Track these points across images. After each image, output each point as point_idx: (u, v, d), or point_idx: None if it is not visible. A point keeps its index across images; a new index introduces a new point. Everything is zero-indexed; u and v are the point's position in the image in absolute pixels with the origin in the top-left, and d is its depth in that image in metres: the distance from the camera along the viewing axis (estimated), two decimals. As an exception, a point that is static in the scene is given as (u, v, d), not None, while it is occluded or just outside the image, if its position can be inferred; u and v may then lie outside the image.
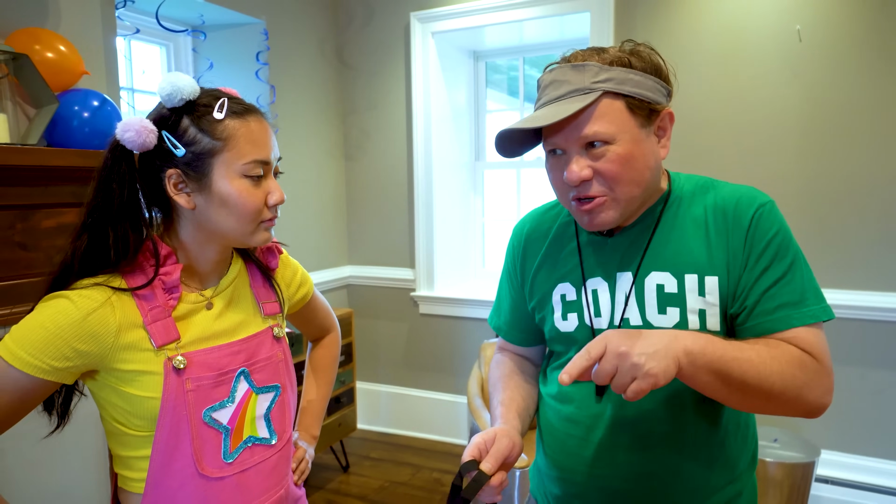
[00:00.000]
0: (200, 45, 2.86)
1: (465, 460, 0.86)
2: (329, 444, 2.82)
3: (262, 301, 1.02)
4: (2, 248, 1.55)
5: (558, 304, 1.01)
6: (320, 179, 3.24)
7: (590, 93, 0.86)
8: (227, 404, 0.92)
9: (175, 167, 0.87)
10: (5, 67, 1.62)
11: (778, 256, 0.88)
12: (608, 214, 0.90)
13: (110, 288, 0.85)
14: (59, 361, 0.82)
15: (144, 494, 0.89)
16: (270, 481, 0.98)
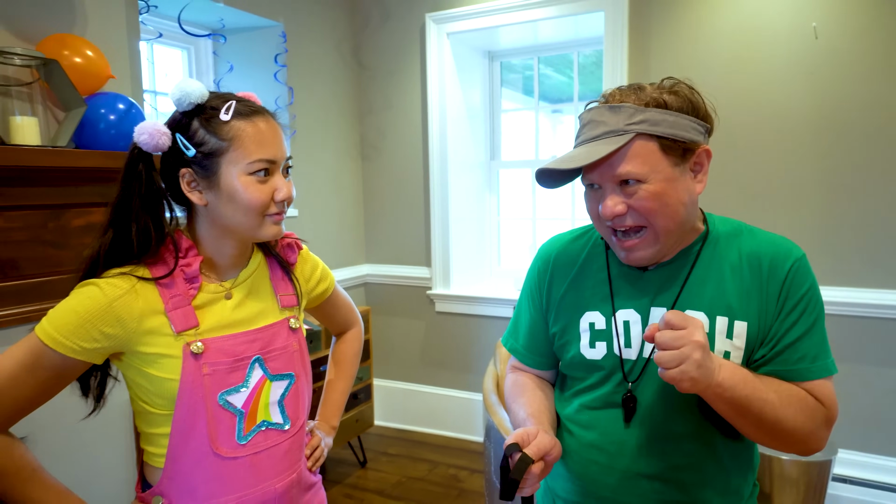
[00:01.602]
0: (220, 49, 2.92)
1: (509, 444, 0.88)
2: (347, 439, 2.87)
3: (280, 294, 1.06)
4: (34, 247, 1.62)
5: (586, 332, 1.02)
6: (338, 179, 3.29)
7: (623, 134, 0.89)
8: (242, 389, 0.96)
9: (187, 166, 0.93)
10: (36, 73, 1.68)
11: (807, 311, 0.93)
12: (647, 251, 0.93)
13: (135, 277, 0.91)
14: (89, 343, 0.88)
15: (164, 468, 0.95)
16: (283, 464, 1.02)
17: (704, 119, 0.95)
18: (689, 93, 0.94)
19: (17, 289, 1.58)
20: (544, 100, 3.37)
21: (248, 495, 0.97)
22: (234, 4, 2.62)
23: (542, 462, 0.89)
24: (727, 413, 0.88)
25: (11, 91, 1.66)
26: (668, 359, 0.80)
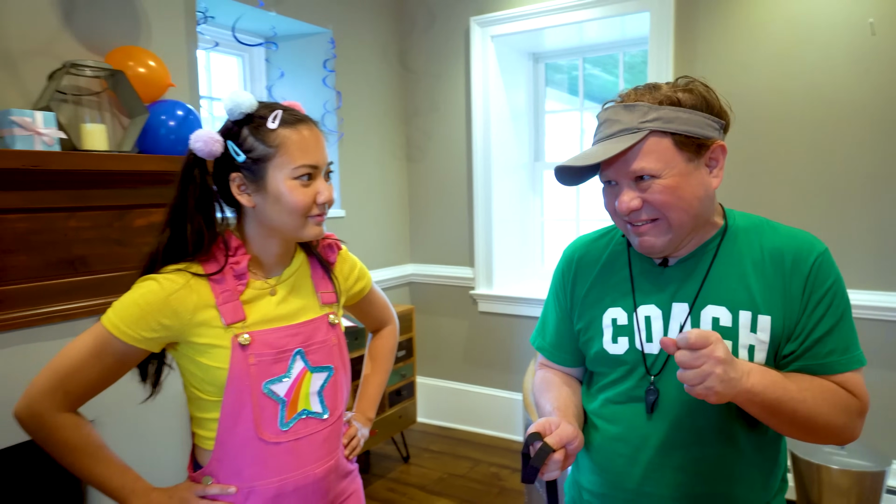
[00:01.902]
0: (273, 56, 3.04)
1: (531, 432, 0.92)
2: (390, 434, 2.93)
3: (321, 291, 1.12)
4: (101, 245, 1.74)
5: (608, 328, 1.05)
6: (384, 180, 3.37)
7: (637, 132, 0.91)
8: (284, 379, 1.03)
9: (238, 171, 1.00)
10: (105, 83, 1.81)
11: (833, 304, 0.94)
12: (659, 239, 0.95)
13: (189, 273, 0.98)
14: (148, 332, 0.96)
15: (213, 451, 1.02)
16: (322, 451, 1.08)
17: (719, 116, 0.96)
18: (704, 90, 0.95)
19: (85, 284, 1.71)
20: (591, 99, 3.35)
21: (289, 478, 1.04)
22: (286, 13, 2.73)
23: (564, 450, 0.91)
24: (759, 415, 0.89)
25: (83, 100, 1.79)
26: (691, 377, 0.82)
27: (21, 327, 1.57)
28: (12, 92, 1.62)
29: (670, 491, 0.99)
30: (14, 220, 1.55)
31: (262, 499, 1.03)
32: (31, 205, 1.58)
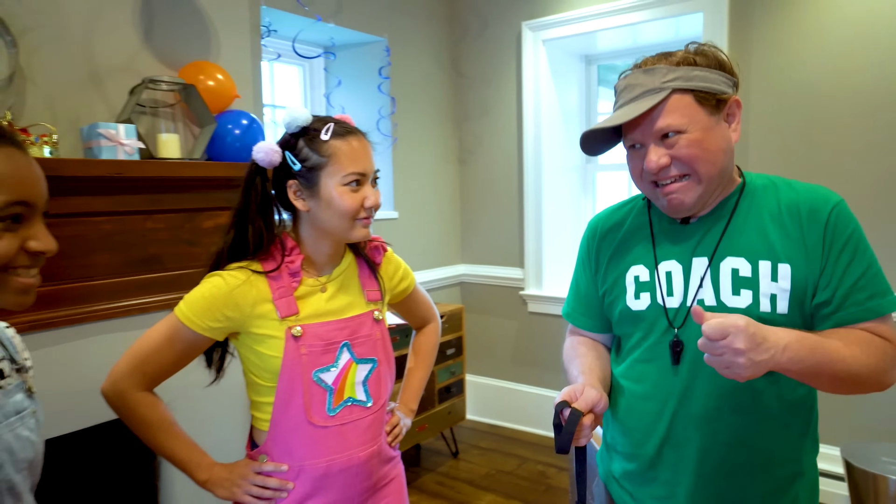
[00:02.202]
0: (331, 65, 3.18)
1: (558, 402, 0.97)
2: (439, 430, 3.02)
3: (367, 289, 1.21)
4: (173, 245, 1.90)
5: (631, 285, 1.09)
6: (436, 183, 3.46)
7: (660, 91, 0.96)
8: (332, 368, 1.12)
9: (294, 178, 1.10)
10: (178, 95, 1.97)
11: (859, 251, 0.97)
12: (688, 195, 0.99)
13: (250, 270, 1.09)
14: (214, 323, 1.08)
15: (269, 432, 1.13)
16: (366, 437, 1.17)
17: (731, 73, 1.00)
18: (715, 52, 1.00)
19: (159, 280, 1.87)
20: None
21: (335, 460, 1.13)
22: (344, 24, 2.86)
23: (592, 414, 0.96)
24: (799, 378, 0.92)
25: (159, 112, 1.95)
26: (716, 364, 0.85)
27: (104, 318, 1.74)
28: (99, 106, 1.80)
29: (696, 442, 1.02)
30: (99, 222, 1.72)
31: (311, 477, 1.13)
32: (113, 208, 1.74)
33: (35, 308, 1.54)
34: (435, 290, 3.44)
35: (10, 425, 0.74)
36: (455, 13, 3.47)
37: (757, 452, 1.02)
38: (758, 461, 1.02)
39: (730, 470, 1.02)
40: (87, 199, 1.67)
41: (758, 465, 1.03)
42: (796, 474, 1.05)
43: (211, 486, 1.13)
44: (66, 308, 1.64)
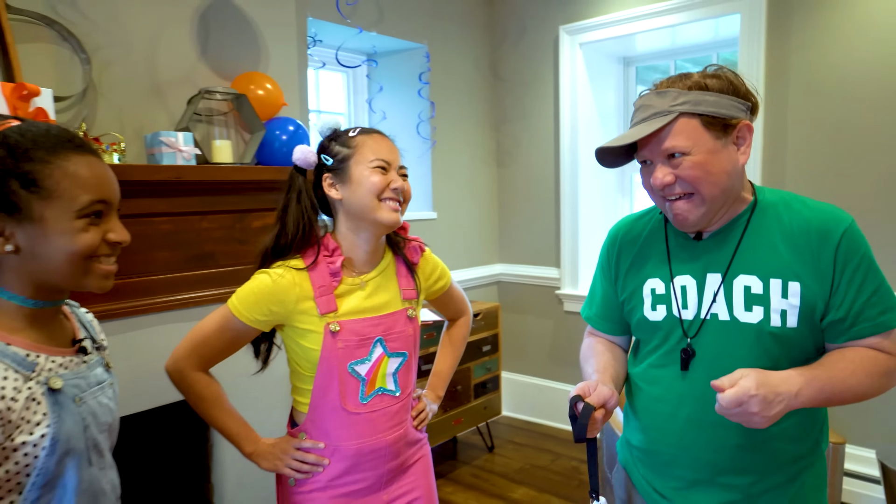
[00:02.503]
0: (373, 72, 3.31)
1: (573, 395, 1.05)
2: (475, 423, 3.11)
3: (403, 288, 1.31)
4: (226, 243, 2.05)
5: (648, 297, 1.16)
6: (474, 185, 3.55)
7: (668, 114, 1.03)
8: (365, 361, 1.23)
9: (329, 172, 1.22)
10: (231, 104, 2.12)
11: (871, 270, 1.03)
12: (693, 213, 1.05)
13: (294, 269, 1.20)
14: (260, 316, 1.20)
15: (308, 414, 1.25)
16: (393, 422, 1.28)
17: (745, 98, 1.04)
18: (732, 76, 1.04)
19: (213, 276, 2.02)
20: None
21: (365, 442, 1.24)
22: (385, 32, 2.98)
23: (603, 409, 1.04)
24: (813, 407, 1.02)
25: (213, 120, 2.11)
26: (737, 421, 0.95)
27: (163, 310, 1.90)
28: (161, 116, 1.96)
29: (708, 444, 1.08)
30: (160, 222, 1.88)
31: (345, 456, 1.24)
32: (172, 210, 1.90)
33: (104, 299, 1.70)
34: (472, 288, 3.54)
35: (93, 393, 0.87)
36: (494, 19, 3.55)
37: (769, 454, 1.07)
38: (770, 461, 1.08)
39: (743, 468, 1.08)
40: (150, 202, 1.83)
41: (770, 465, 1.08)
42: (806, 466, 1.11)
43: (256, 457, 1.26)
44: (130, 300, 1.80)
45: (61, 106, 1.70)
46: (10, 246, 0.78)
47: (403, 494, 1.33)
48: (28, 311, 0.83)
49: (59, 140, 0.81)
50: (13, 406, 0.76)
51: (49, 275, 0.81)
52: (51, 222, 0.79)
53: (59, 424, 0.80)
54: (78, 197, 0.80)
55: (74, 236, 0.80)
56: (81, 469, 0.83)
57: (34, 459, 0.78)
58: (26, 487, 0.78)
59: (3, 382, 0.75)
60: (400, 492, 1.32)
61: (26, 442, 0.77)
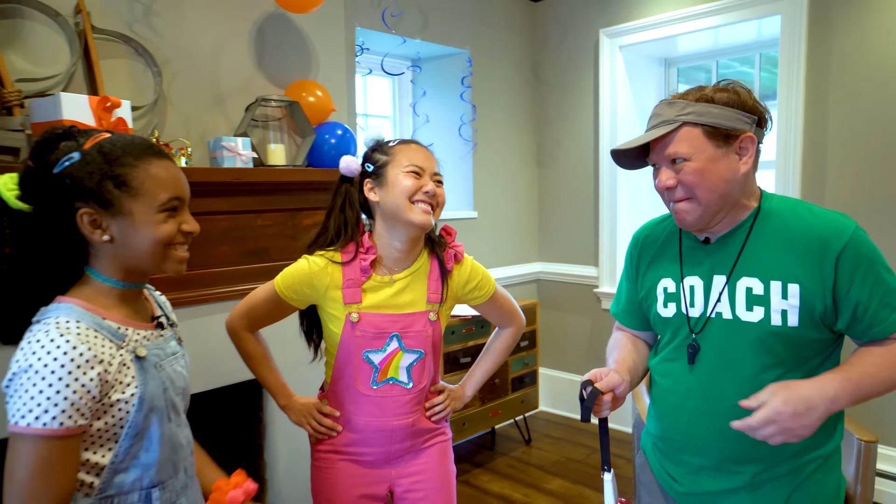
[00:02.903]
0: (417, 77, 3.45)
1: (584, 380, 1.16)
2: (512, 416, 3.21)
3: (430, 291, 1.40)
4: (279, 239, 2.22)
5: (661, 295, 1.25)
6: (515, 185, 3.65)
7: (673, 123, 1.12)
8: (380, 352, 1.35)
9: (369, 178, 1.36)
10: (284, 111, 2.29)
11: (880, 274, 1.08)
12: (691, 215, 1.14)
13: (331, 260, 1.35)
14: (294, 294, 1.37)
15: (329, 385, 1.42)
16: (403, 410, 1.39)
17: (752, 111, 1.11)
18: (741, 90, 1.12)
19: (267, 269, 2.19)
20: None
21: (373, 421, 1.38)
22: (429, 39, 3.11)
23: (612, 393, 1.14)
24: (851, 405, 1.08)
25: (269, 125, 2.28)
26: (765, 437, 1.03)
27: (223, 300, 2.08)
28: (221, 122, 2.14)
29: (713, 433, 1.16)
30: (220, 220, 2.06)
31: (355, 428, 1.40)
32: (232, 208, 2.08)
33: (174, 288, 1.89)
34: (512, 286, 3.63)
35: (170, 362, 1.03)
36: (535, 24, 3.64)
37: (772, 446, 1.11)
38: (774, 452, 1.14)
39: (747, 457, 1.15)
40: (212, 201, 2.01)
41: (775, 457, 1.14)
42: (814, 460, 1.15)
43: (287, 410, 1.45)
44: (195, 290, 1.99)
45: (136, 115, 1.90)
46: (106, 236, 0.94)
47: (412, 474, 1.45)
48: (118, 291, 0.99)
49: (143, 148, 0.97)
50: (109, 369, 0.91)
51: (136, 260, 0.97)
52: (138, 216, 0.95)
53: (145, 386, 0.95)
54: (159, 194, 0.96)
55: (157, 227, 0.96)
56: (163, 424, 0.99)
57: (126, 414, 0.93)
58: (121, 437, 0.94)
59: (102, 349, 0.91)
60: (409, 470, 1.45)
61: (119, 399, 0.92)
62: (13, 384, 0.86)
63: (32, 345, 0.87)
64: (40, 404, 0.84)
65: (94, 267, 0.97)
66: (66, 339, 0.87)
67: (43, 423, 0.84)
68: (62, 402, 0.85)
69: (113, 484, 0.94)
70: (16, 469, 0.85)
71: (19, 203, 0.92)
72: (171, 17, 1.99)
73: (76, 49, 1.76)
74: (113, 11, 1.87)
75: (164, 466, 0.99)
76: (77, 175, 0.92)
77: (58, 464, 0.86)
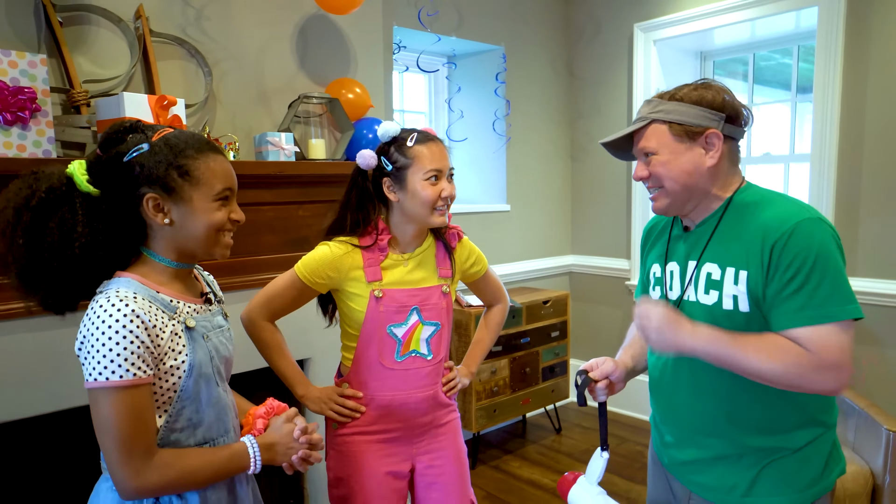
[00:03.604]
0: (452, 73, 3.53)
1: (581, 369, 1.26)
2: (542, 405, 3.28)
3: (440, 267, 1.51)
4: (318, 229, 2.34)
5: (652, 279, 1.34)
6: (548, 178, 3.70)
7: (644, 121, 1.21)
8: (402, 325, 1.45)
9: (388, 177, 1.43)
10: (325, 107, 2.41)
11: (805, 270, 1.07)
12: (660, 203, 1.23)
13: (350, 244, 1.44)
14: (318, 279, 1.44)
15: (351, 367, 1.49)
16: (424, 382, 1.48)
17: (720, 109, 1.17)
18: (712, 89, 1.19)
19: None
20: (778, 87, 3.33)
21: (397, 395, 1.47)
22: (465, 36, 3.20)
23: (608, 380, 1.24)
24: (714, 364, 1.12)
25: (310, 121, 2.41)
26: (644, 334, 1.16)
27: (267, 286, 2.21)
28: (266, 119, 2.28)
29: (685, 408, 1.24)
30: (266, 210, 2.19)
31: (379, 405, 1.47)
32: (275, 199, 2.21)
33: (224, 274, 2.03)
34: (544, 278, 3.70)
35: (216, 333, 1.15)
36: (570, 19, 3.68)
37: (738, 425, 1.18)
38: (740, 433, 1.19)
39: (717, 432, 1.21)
40: (258, 192, 2.15)
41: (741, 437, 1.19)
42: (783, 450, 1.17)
43: (306, 400, 1.51)
44: (242, 276, 2.13)
45: (189, 112, 2.04)
46: (167, 220, 1.06)
47: (431, 451, 1.54)
48: (172, 270, 1.10)
49: (202, 143, 1.08)
50: (162, 336, 1.03)
51: (190, 242, 1.09)
52: (196, 202, 1.06)
53: (194, 354, 1.07)
54: (215, 185, 1.07)
55: (212, 214, 1.07)
56: (211, 388, 1.10)
57: (179, 380, 1.05)
58: (174, 400, 1.06)
59: (156, 319, 1.03)
60: (428, 448, 1.54)
61: (172, 366, 1.04)
62: (84, 347, 0.99)
63: (98, 311, 0.99)
64: (113, 360, 0.97)
65: (151, 248, 1.09)
66: (126, 304, 0.99)
67: (119, 375, 0.97)
68: (131, 357, 0.98)
69: (169, 441, 1.06)
70: (102, 420, 0.98)
71: (90, 186, 1.04)
72: (221, 21, 2.13)
73: (136, 52, 1.91)
74: (168, 16, 2.01)
75: (213, 426, 1.11)
76: (145, 164, 1.03)
77: (138, 408, 0.99)
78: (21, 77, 1.61)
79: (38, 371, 1.72)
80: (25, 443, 1.85)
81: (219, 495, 1.11)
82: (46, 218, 1.01)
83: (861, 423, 2.19)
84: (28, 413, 1.72)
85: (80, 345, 1.01)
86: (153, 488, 1.01)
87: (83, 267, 1.04)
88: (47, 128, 1.65)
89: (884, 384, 2.66)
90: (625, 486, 2.79)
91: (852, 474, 2.04)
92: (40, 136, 1.64)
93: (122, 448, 0.98)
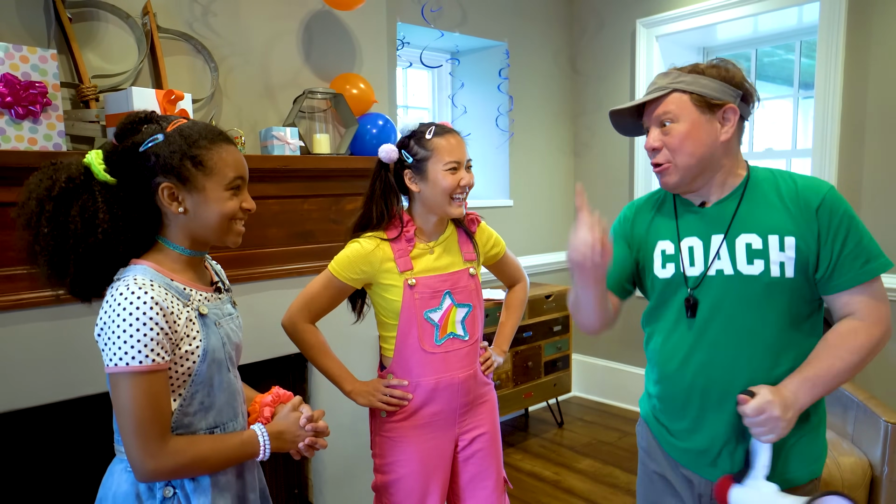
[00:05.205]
0: (455, 69, 3.56)
1: None
2: (545, 398, 3.31)
3: (464, 251, 1.57)
4: (323, 223, 2.37)
5: (658, 257, 1.32)
6: (550, 174, 3.72)
7: (664, 89, 1.23)
8: (438, 310, 1.50)
9: (408, 168, 1.48)
10: (329, 103, 2.44)
11: (852, 227, 1.18)
12: (671, 177, 1.24)
13: (379, 238, 1.49)
14: (353, 275, 1.49)
15: (393, 357, 1.53)
16: (464, 363, 1.54)
17: (738, 87, 1.21)
18: (731, 67, 1.22)
19: (312, 251, 2.35)
20: (781, 82, 3.34)
21: (441, 378, 1.51)
22: (468, 32, 3.22)
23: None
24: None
25: (315, 116, 2.44)
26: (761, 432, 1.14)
27: (272, 278, 2.24)
28: (271, 113, 2.30)
29: (714, 387, 1.24)
30: (271, 203, 2.22)
31: (425, 390, 1.52)
32: (280, 193, 2.24)
33: (230, 267, 2.06)
34: (546, 273, 3.72)
35: (226, 321, 1.18)
36: (573, 15, 3.70)
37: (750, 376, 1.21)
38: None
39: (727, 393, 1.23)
40: (263, 186, 2.17)
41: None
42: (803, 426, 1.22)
43: (354, 395, 1.54)
44: (248, 268, 2.16)
45: (196, 107, 2.07)
46: (181, 208, 1.09)
47: (472, 429, 1.60)
48: (185, 258, 1.13)
49: (215, 134, 1.11)
50: (179, 322, 1.06)
51: (204, 230, 1.12)
52: (209, 191, 1.09)
53: (208, 340, 1.10)
54: (227, 174, 1.10)
55: (224, 203, 1.10)
56: (223, 373, 1.14)
57: (193, 364, 1.08)
58: (188, 384, 1.09)
59: (172, 306, 1.06)
60: (469, 426, 1.60)
61: (187, 351, 1.07)
62: (104, 333, 1.02)
63: (116, 297, 1.02)
64: (133, 346, 1.00)
65: (166, 236, 1.12)
66: (144, 291, 1.02)
67: (139, 361, 1.00)
68: (150, 343, 1.01)
69: (182, 424, 1.09)
70: (122, 404, 1.02)
71: (107, 175, 1.07)
72: (227, 17, 2.16)
73: (143, 47, 1.94)
74: (175, 12, 2.04)
75: (223, 409, 1.15)
76: (161, 153, 1.06)
77: (155, 394, 1.02)
78: (32, 72, 1.64)
79: (56, 359, 1.75)
80: (44, 428, 1.89)
81: (228, 479, 1.14)
82: (68, 206, 1.04)
83: (860, 414, 2.21)
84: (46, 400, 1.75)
85: (99, 331, 1.04)
86: (168, 471, 1.05)
87: (106, 253, 1.07)
88: (58, 122, 1.68)
89: (883, 376, 2.68)
90: (626, 480, 2.81)
91: (851, 465, 2.07)
92: (51, 129, 1.67)
93: (138, 431, 1.01)
